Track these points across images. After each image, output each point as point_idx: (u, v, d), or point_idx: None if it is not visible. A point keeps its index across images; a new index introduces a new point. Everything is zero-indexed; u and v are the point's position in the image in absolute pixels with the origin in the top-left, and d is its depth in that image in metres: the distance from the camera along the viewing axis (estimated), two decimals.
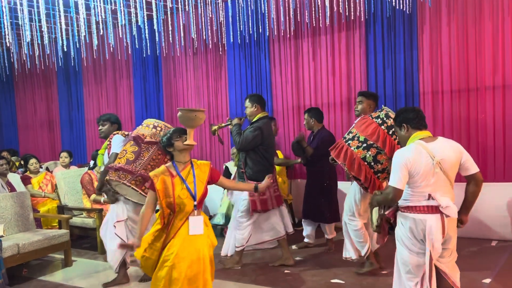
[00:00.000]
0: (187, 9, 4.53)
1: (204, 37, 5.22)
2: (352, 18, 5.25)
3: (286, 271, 4.25)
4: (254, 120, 4.32)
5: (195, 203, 2.83)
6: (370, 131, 3.65)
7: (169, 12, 4.90)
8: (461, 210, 2.73)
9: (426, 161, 2.60)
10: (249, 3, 4.90)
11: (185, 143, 2.90)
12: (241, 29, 5.46)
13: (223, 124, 4.39)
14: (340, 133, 5.76)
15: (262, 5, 4.84)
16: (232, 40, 6.04)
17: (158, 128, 3.73)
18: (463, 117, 5.01)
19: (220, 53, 6.50)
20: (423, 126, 2.77)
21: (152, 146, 3.66)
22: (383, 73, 5.44)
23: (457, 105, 5.03)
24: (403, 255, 2.71)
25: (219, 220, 5.79)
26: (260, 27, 5.59)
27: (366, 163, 3.63)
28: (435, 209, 2.61)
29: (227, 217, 5.80)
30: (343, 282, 3.91)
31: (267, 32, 5.36)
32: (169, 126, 3.75)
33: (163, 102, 7.34)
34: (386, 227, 2.87)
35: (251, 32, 5.76)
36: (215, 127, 4.32)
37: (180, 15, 4.48)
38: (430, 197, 2.62)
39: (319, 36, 5.86)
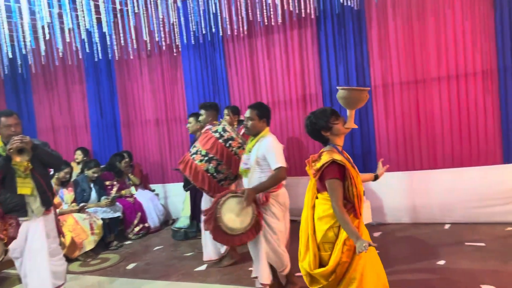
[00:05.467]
0: (137, 11, 4.45)
1: (157, 39, 5.15)
2: (303, 16, 5.35)
3: (250, 269, 4.27)
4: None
5: (364, 189, 2.62)
6: (210, 145, 3.97)
7: (118, 15, 4.81)
8: None
9: None
10: (199, 3, 4.88)
11: (347, 126, 2.60)
12: (194, 29, 5.43)
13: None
14: (297, 129, 5.87)
15: (213, 5, 4.83)
16: (186, 41, 6.00)
17: None
18: (413, 108, 5.22)
19: (175, 54, 6.43)
20: None
21: None
22: (336, 69, 5.57)
23: (407, 96, 5.24)
24: (280, 227, 3.42)
25: (183, 223, 5.75)
26: (213, 27, 5.59)
27: (209, 174, 3.94)
28: None
29: (191, 220, 5.77)
30: None
31: (221, 32, 5.37)
32: None
33: (118, 107, 7.18)
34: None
35: (204, 33, 5.74)
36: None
37: (131, 17, 4.40)
38: None
39: (272, 34, 5.92)
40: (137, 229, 6.05)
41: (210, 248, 4.41)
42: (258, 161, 3.38)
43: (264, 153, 3.35)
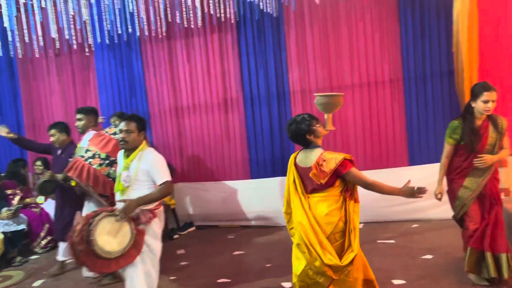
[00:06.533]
0: (44, 6, 4.09)
1: (67, 37, 4.78)
2: (223, 20, 5.33)
3: (171, 278, 4.15)
4: None
5: None
6: (111, 148, 3.71)
7: (22, 9, 4.38)
8: None
9: None
10: (115, 1, 4.63)
11: (327, 128, 2.95)
12: (109, 28, 5.14)
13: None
14: (218, 132, 5.82)
15: (130, 4, 4.61)
16: (99, 41, 5.66)
17: None
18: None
19: (87, 54, 6.04)
20: None
21: None
22: (256, 74, 5.63)
23: None
24: (159, 247, 3.22)
25: None
26: (129, 27, 5.33)
27: (110, 179, 3.66)
28: None
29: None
30: (229, 280, 3.95)
31: (138, 32, 5.14)
32: None
33: (21, 109, 6.56)
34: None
35: (120, 32, 5.46)
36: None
37: (36, 12, 4.03)
38: None
39: (192, 37, 5.82)
40: (44, 242, 5.55)
41: None
42: (140, 177, 3.11)
43: (148, 168, 3.10)
